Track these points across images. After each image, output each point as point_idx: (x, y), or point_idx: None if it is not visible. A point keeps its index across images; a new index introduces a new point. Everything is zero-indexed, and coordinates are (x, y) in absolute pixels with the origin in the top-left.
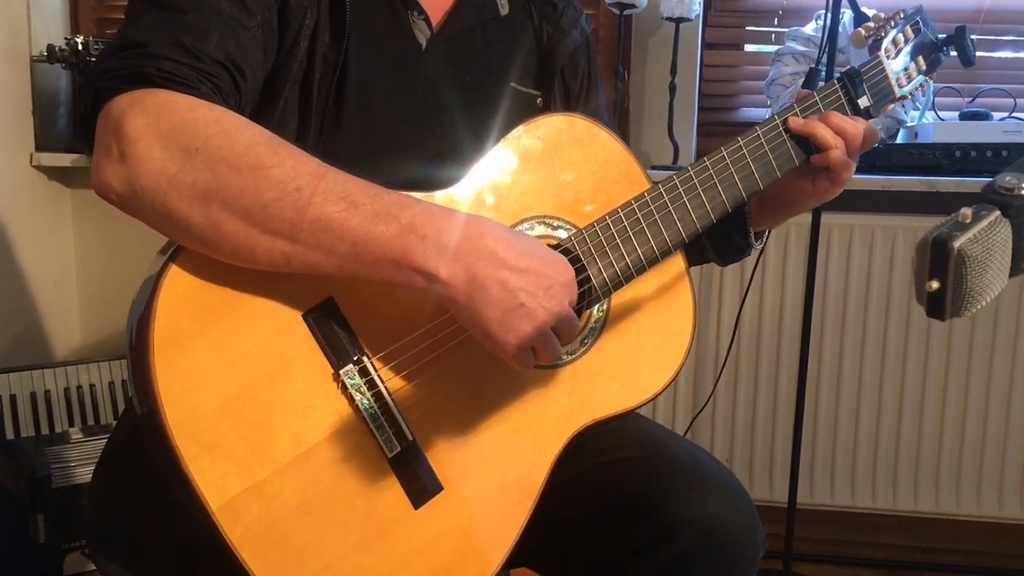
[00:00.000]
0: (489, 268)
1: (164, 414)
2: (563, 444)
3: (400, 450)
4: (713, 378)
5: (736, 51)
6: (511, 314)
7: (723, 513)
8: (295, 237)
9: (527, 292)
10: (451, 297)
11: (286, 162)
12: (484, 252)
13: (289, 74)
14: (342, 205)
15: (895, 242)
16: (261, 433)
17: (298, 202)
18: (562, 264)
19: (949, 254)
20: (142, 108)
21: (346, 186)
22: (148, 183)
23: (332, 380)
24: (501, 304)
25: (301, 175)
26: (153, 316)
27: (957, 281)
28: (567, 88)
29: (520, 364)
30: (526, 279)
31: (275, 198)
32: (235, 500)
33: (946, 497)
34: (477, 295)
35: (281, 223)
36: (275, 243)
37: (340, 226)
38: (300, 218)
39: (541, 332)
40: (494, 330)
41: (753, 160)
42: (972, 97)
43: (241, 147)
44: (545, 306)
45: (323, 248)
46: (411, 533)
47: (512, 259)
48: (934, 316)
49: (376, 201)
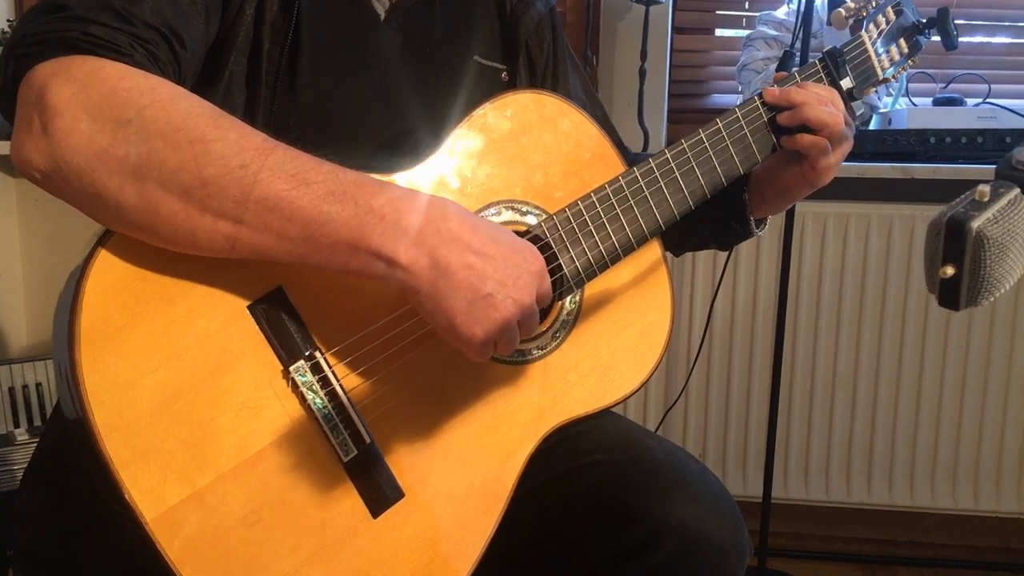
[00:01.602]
0: (454, 253)
1: (92, 416)
2: (534, 446)
3: (357, 454)
4: (685, 372)
5: (707, 36)
6: (478, 304)
7: (708, 519)
8: (240, 218)
9: (495, 281)
10: (412, 285)
11: (228, 135)
12: (448, 236)
13: (235, 44)
14: (292, 183)
15: (869, 230)
16: (202, 436)
17: (243, 179)
18: (531, 252)
19: (967, 236)
20: (67, 76)
21: (297, 163)
22: (74, 158)
23: (281, 377)
24: (467, 293)
25: (245, 150)
26: (79, 307)
27: (975, 266)
28: (532, 62)
29: (481, 357)
30: (493, 266)
31: (217, 175)
32: (173, 510)
33: (921, 491)
34: (441, 282)
35: (224, 202)
36: (217, 225)
37: (290, 206)
38: (245, 197)
39: (508, 324)
40: (460, 321)
41: (733, 143)
42: (946, 83)
43: (179, 119)
44: (513, 296)
45: (271, 230)
46: (370, 544)
47: (479, 244)
48: (947, 305)
49: (330, 179)
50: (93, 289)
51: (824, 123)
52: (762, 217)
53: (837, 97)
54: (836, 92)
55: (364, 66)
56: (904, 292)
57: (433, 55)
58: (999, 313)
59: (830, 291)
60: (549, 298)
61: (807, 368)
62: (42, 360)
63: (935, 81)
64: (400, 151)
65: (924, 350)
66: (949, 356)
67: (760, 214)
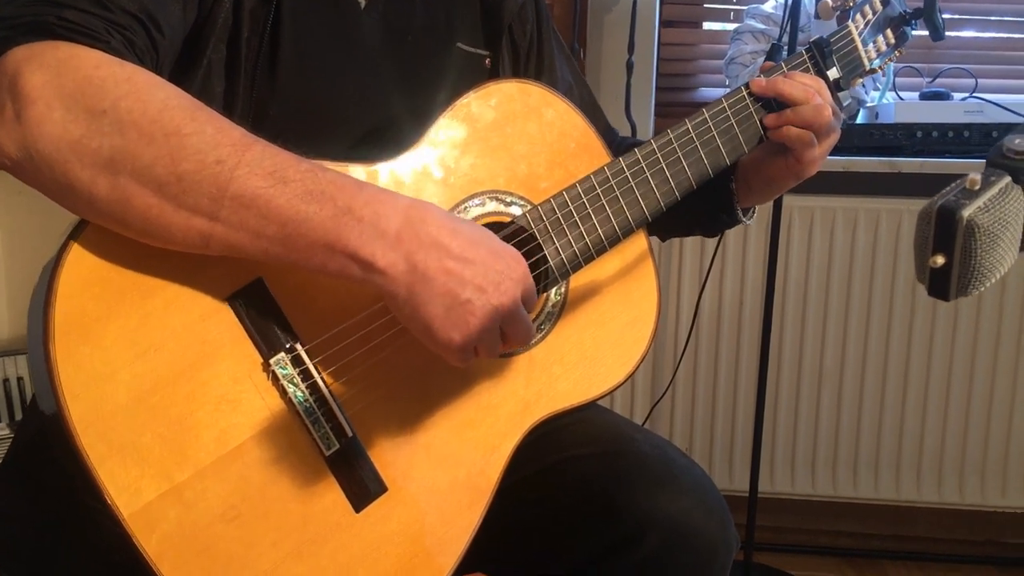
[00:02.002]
0: (432, 257)
1: (67, 410)
2: (519, 439)
3: (339, 448)
4: (672, 366)
5: (694, 29)
6: (455, 310)
7: (695, 513)
8: (215, 215)
9: (474, 286)
10: (390, 289)
11: (205, 129)
12: (427, 240)
13: (213, 32)
14: (269, 181)
15: (856, 224)
16: (180, 430)
17: (219, 175)
18: (513, 257)
19: (957, 224)
20: (41, 63)
21: (275, 160)
22: (46, 148)
23: (261, 370)
24: (445, 299)
25: (222, 145)
26: (53, 298)
27: (965, 255)
28: (516, 46)
29: (461, 363)
30: (473, 271)
31: (192, 170)
32: (150, 506)
33: (906, 484)
34: (419, 287)
35: (199, 198)
36: (192, 221)
37: (266, 204)
38: (221, 194)
39: (487, 331)
40: (437, 326)
41: (719, 134)
42: (932, 77)
43: (155, 110)
44: (493, 302)
45: (247, 228)
46: (352, 539)
47: (458, 248)
48: (937, 295)
49: (308, 178)
50: (67, 280)
51: (809, 122)
52: (749, 206)
53: (824, 87)
54: (823, 82)
55: (345, 55)
56: (891, 286)
57: (415, 43)
58: (985, 307)
59: (817, 285)
60: (534, 300)
61: (794, 362)
62: (24, 355)
63: (922, 75)
64: (382, 141)
65: (910, 344)
66: (935, 350)
67: (747, 203)
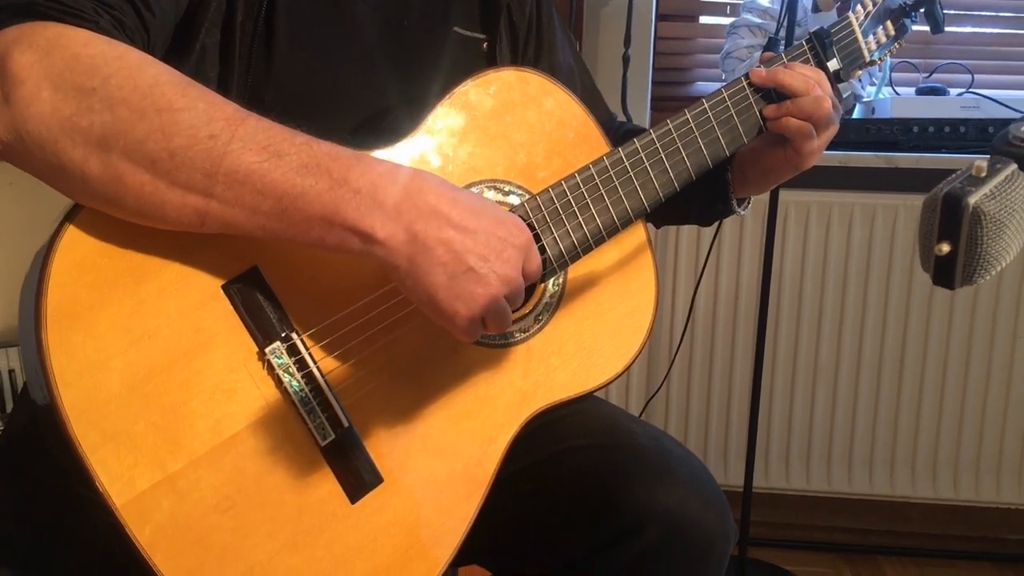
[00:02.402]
0: (432, 227)
1: (59, 398)
2: (516, 430)
3: (334, 438)
4: (667, 360)
5: (691, 23)
6: (459, 279)
7: (693, 505)
8: (209, 191)
9: (476, 255)
10: (391, 261)
11: (197, 104)
12: (426, 209)
13: (207, 15)
14: (264, 155)
15: (852, 219)
16: (174, 419)
17: (212, 150)
18: (515, 224)
19: (963, 212)
20: (29, 43)
21: (269, 133)
22: (36, 128)
23: (257, 359)
24: (447, 268)
25: (215, 120)
26: (45, 286)
27: (971, 243)
28: (514, 28)
29: (468, 336)
30: (474, 240)
31: (185, 145)
32: (144, 496)
33: (901, 480)
34: (420, 258)
35: (192, 174)
36: (187, 198)
37: (261, 179)
38: (215, 169)
39: (494, 300)
40: (441, 297)
41: (719, 124)
42: (929, 72)
43: (146, 87)
44: (497, 271)
45: (242, 204)
46: (348, 530)
47: (458, 217)
48: (942, 284)
49: (303, 151)
50: (60, 267)
51: (808, 113)
52: (744, 197)
53: (824, 79)
54: (823, 74)
55: (340, 41)
56: (886, 281)
57: (411, 28)
58: (980, 301)
59: (812, 280)
60: (539, 273)
61: (789, 357)
62: (14, 347)
63: (918, 71)
64: (379, 129)
65: (905, 339)
66: (930, 345)
67: (743, 194)
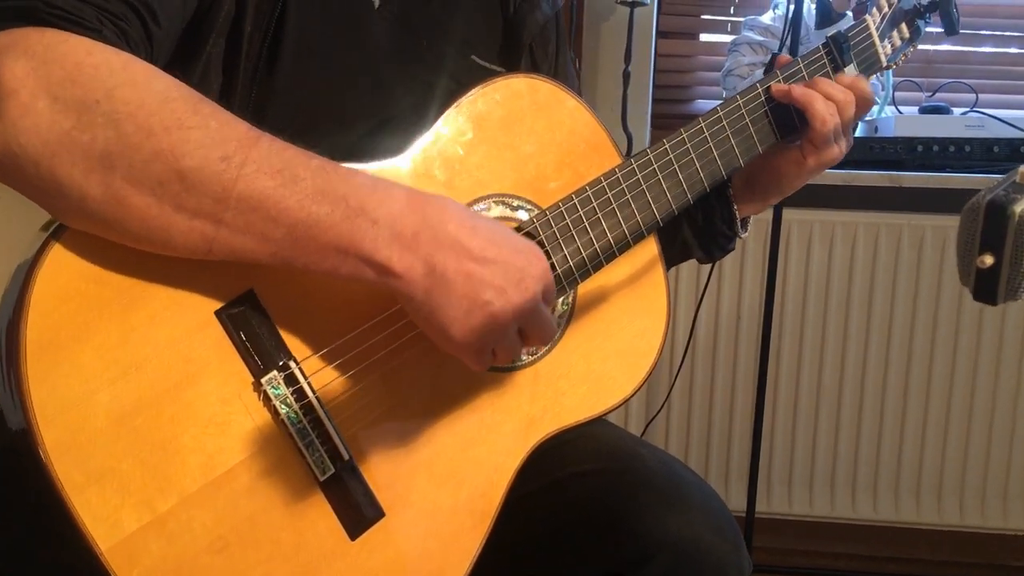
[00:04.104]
0: (451, 259)
1: (40, 436)
2: (523, 458)
3: (334, 472)
4: (668, 383)
5: (691, 40)
6: (475, 312)
7: (705, 534)
8: (219, 217)
9: (495, 287)
10: (407, 293)
11: (209, 123)
12: (446, 240)
13: (215, 24)
14: (278, 179)
15: (856, 239)
16: (164, 456)
17: (224, 173)
18: (534, 253)
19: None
20: (24, 50)
21: (283, 156)
22: (30, 142)
23: (252, 389)
24: (464, 301)
25: (228, 140)
26: (25, 313)
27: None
28: (536, 67)
29: (479, 367)
30: (493, 272)
31: (195, 167)
32: (131, 539)
33: (906, 506)
34: (437, 290)
35: (202, 199)
36: (194, 224)
37: (275, 205)
38: (226, 194)
39: (505, 333)
40: (455, 331)
41: (733, 133)
42: (932, 91)
43: (154, 102)
44: (514, 303)
45: (254, 232)
46: (348, 569)
47: (478, 248)
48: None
49: (319, 176)
50: (42, 293)
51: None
52: (745, 216)
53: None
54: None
55: (351, 55)
56: (890, 302)
57: (428, 50)
58: (986, 325)
59: (815, 301)
60: (554, 298)
61: (791, 379)
62: None
63: (921, 89)
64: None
65: (910, 362)
66: (935, 368)
67: (744, 210)
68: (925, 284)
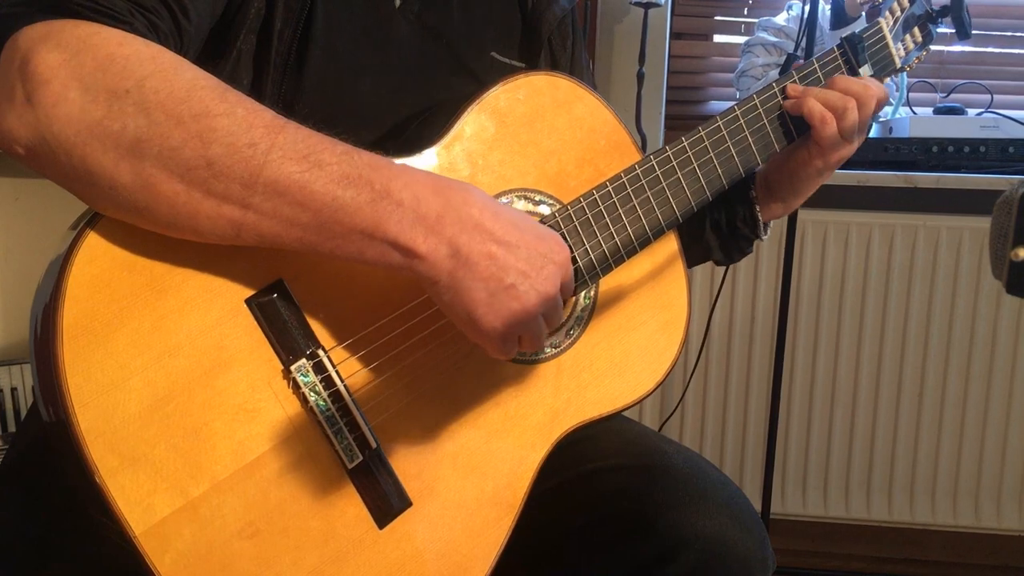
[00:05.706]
0: (475, 241)
1: (76, 420)
2: (547, 450)
3: (362, 460)
4: (682, 384)
5: (705, 41)
6: (499, 296)
7: (731, 531)
8: (247, 202)
9: (518, 271)
10: (431, 276)
11: (236, 111)
12: (469, 223)
13: (245, 21)
14: (304, 165)
15: (871, 240)
16: (195, 442)
17: (251, 159)
18: (556, 241)
19: None
20: (58, 42)
21: (309, 142)
22: (63, 131)
23: (281, 377)
24: (489, 284)
25: (255, 127)
26: (62, 300)
27: None
28: (555, 61)
29: (503, 354)
30: (516, 256)
31: (223, 153)
32: (164, 523)
33: (921, 507)
34: (461, 272)
35: (230, 184)
36: (222, 209)
37: (302, 190)
38: (253, 179)
39: (531, 317)
40: (480, 314)
41: (751, 132)
42: (946, 92)
43: (182, 91)
44: (538, 288)
45: (280, 216)
46: (375, 557)
47: (501, 231)
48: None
49: (344, 161)
50: (77, 280)
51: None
52: (769, 219)
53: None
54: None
55: (375, 54)
56: (905, 303)
57: (448, 47)
58: (1002, 325)
59: (830, 302)
60: (571, 290)
61: (806, 380)
62: (18, 364)
63: (935, 90)
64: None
65: (926, 363)
66: (951, 370)
67: (768, 213)
68: (940, 285)
